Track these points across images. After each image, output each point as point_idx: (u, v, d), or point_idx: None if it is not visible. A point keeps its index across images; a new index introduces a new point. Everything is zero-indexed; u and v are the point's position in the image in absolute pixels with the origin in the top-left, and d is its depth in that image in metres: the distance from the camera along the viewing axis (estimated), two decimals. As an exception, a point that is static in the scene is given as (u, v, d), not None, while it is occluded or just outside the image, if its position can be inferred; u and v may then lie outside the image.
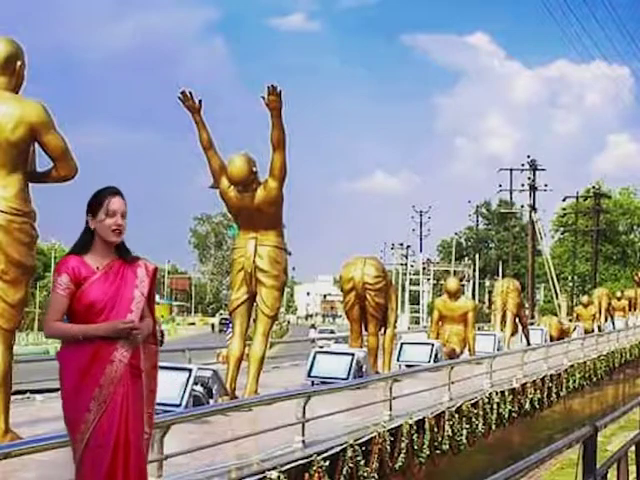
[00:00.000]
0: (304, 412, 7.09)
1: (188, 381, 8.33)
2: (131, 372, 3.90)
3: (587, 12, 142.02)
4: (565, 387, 17.00)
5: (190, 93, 9.71)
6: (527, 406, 13.92)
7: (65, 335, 3.94)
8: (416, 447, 9.06)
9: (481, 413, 11.42)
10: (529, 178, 52.17)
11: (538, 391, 14.72)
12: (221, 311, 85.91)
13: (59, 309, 3.91)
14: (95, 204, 4.01)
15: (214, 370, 9.34)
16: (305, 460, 6.66)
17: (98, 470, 3.78)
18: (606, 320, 32.80)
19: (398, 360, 14.60)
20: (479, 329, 21.40)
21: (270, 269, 9.94)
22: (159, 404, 7.54)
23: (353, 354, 11.82)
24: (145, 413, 4.01)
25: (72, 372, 3.87)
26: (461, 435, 10.49)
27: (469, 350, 16.76)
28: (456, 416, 10.43)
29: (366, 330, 13.67)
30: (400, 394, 9.55)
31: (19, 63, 6.55)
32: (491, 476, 4.25)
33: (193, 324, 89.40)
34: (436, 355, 14.63)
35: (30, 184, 6.44)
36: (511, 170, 54.61)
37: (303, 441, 7.02)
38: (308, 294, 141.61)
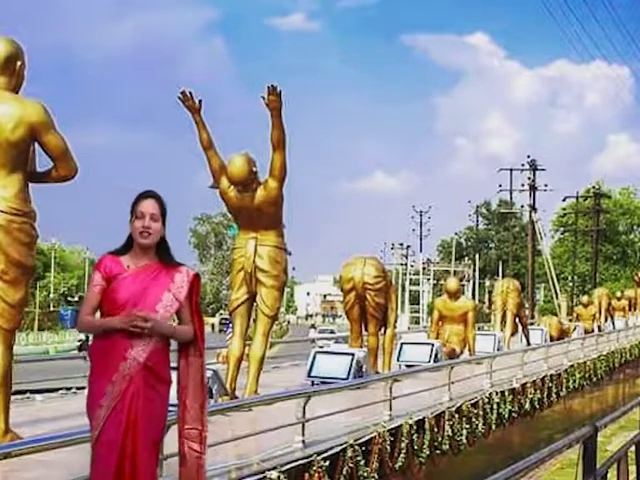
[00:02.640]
0: (304, 412, 7.09)
1: (188, 381, 8.31)
2: (145, 374, 3.88)
3: (587, 12, 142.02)
4: (565, 387, 17.00)
5: (190, 93, 9.71)
6: (527, 406, 13.92)
7: (90, 328, 4.07)
8: (416, 447, 9.06)
9: (481, 413, 11.42)
10: (529, 178, 52.12)
11: (538, 391, 14.72)
12: (221, 311, 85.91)
13: (90, 304, 3.99)
14: (131, 208, 4.09)
15: (214, 370, 9.34)
16: (305, 460, 6.66)
17: (107, 466, 3.80)
18: (606, 320, 32.78)
19: (398, 360, 14.59)
20: (479, 329, 21.40)
21: (270, 269, 9.94)
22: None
23: (353, 354, 11.82)
24: (191, 429, 4.03)
25: (93, 367, 3.95)
26: (461, 435, 10.49)
27: (469, 350, 16.75)
28: (456, 416, 10.43)
29: (366, 330, 13.67)
30: (400, 394, 9.55)
31: (19, 63, 6.55)
32: (491, 476, 4.25)
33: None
34: (436, 355, 14.62)
35: (30, 184, 6.45)
36: (511, 170, 54.59)
37: (303, 441, 7.02)
38: (308, 294, 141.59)
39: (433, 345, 14.93)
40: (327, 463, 6.82)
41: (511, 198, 58.78)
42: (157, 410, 3.92)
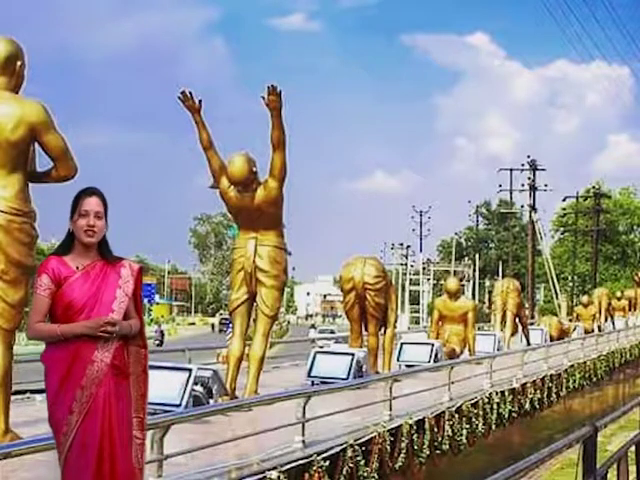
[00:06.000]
0: (304, 412, 7.10)
1: (188, 381, 8.33)
2: (113, 373, 3.86)
3: (587, 12, 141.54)
4: (565, 387, 17.01)
5: (190, 93, 9.72)
6: (527, 406, 13.92)
7: (46, 336, 3.89)
8: (416, 447, 9.07)
9: (481, 413, 11.42)
10: (529, 178, 52.10)
11: (538, 391, 14.72)
12: (221, 311, 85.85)
13: (40, 310, 3.89)
14: (72, 206, 4.00)
15: (214, 370, 9.34)
16: (305, 460, 6.67)
17: (85, 470, 3.77)
18: (606, 320, 32.80)
19: (398, 360, 14.59)
20: (479, 329, 21.40)
21: (270, 269, 9.94)
22: (159, 404, 7.57)
23: (353, 354, 11.82)
24: (135, 417, 3.97)
25: (54, 374, 3.84)
26: (461, 435, 10.49)
27: (469, 350, 16.75)
28: (456, 416, 10.44)
29: (366, 330, 13.67)
30: (400, 394, 9.56)
31: (19, 63, 6.56)
32: (491, 476, 4.25)
33: (193, 324, 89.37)
34: (436, 355, 14.62)
35: (30, 184, 6.45)
36: (511, 170, 54.55)
37: (303, 441, 7.02)
38: (308, 294, 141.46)
39: (433, 345, 14.92)
40: (327, 463, 6.82)
41: (511, 198, 58.87)
42: (127, 406, 3.92)
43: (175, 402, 7.98)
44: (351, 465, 7.31)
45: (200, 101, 9.75)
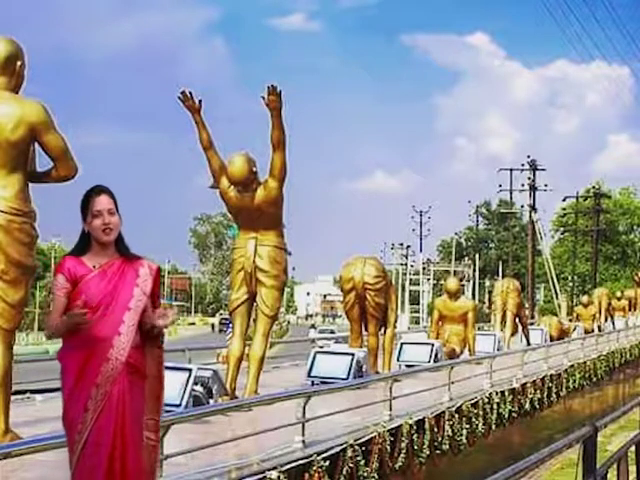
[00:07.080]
0: (304, 412, 7.10)
1: (188, 381, 8.33)
2: (128, 371, 3.87)
3: (587, 12, 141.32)
4: (565, 387, 17.01)
5: (190, 93, 9.72)
6: (527, 406, 13.92)
7: (55, 332, 3.93)
8: (416, 447, 9.07)
9: (481, 413, 11.42)
10: (529, 178, 52.13)
11: (538, 391, 14.72)
12: (221, 311, 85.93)
13: (58, 310, 3.90)
14: (83, 207, 4.00)
15: (214, 370, 9.34)
16: (305, 460, 6.67)
17: (97, 468, 3.77)
18: (606, 320, 32.80)
19: (398, 360, 14.60)
20: (479, 329, 21.40)
21: (270, 269, 9.94)
22: (159, 404, 7.55)
23: (353, 354, 11.83)
24: (150, 419, 3.97)
25: (70, 372, 3.86)
26: (461, 435, 10.49)
27: (469, 350, 16.76)
28: (456, 416, 10.44)
29: (366, 330, 13.67)
30: (400, 394, 9.56)
31: (19, 63, 6.56)
32: (491, 476, 4.26)
33: (193, 324, 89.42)
34: (436, 355, 14.62)
35: (30, 184, 6.45)
36: (511, 170, 54.60)
37: (303, 441, 7.02)
38: (308, 294, 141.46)
39: (433, 345, 14.92)
40: (327, 463, 6.82)
41: (511, 198, 58.92)
42: (140, 406, 3.92)
43: (175, 402, 7.98)
44: (351, 465, 7.31)
45: (200, 101, 9.75)
